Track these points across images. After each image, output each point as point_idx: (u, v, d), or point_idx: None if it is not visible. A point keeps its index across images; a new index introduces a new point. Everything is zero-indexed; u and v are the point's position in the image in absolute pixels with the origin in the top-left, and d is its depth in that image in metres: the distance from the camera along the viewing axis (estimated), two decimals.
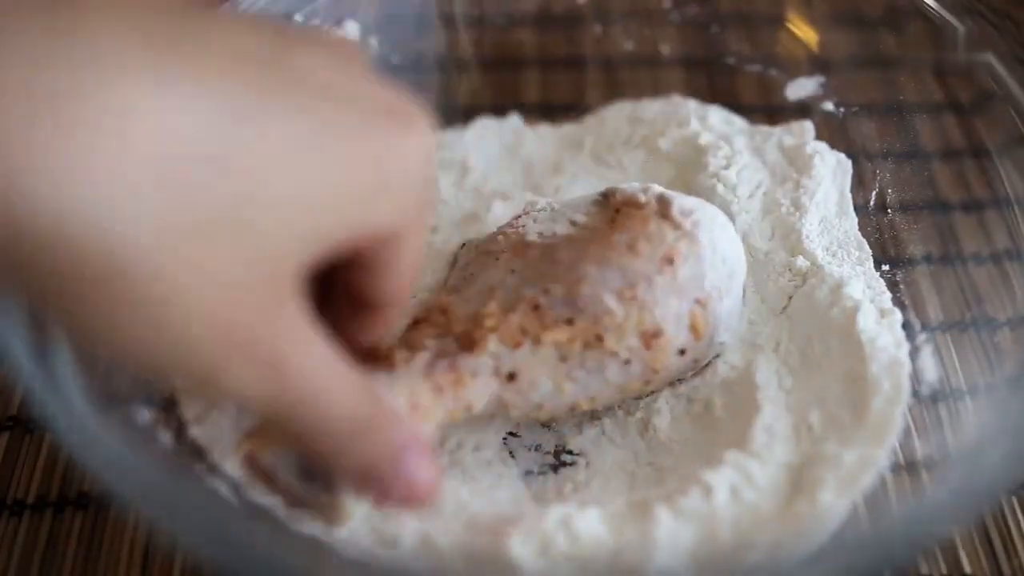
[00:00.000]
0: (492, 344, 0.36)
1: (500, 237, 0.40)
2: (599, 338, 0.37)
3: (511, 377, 0.36)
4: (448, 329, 0.37)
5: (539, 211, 0.41)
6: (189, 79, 0.24)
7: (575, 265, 0.38)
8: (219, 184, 0.24)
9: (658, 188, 0.40)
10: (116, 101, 0.23)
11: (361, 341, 0.34)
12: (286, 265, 0.27)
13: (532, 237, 0.39)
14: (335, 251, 0.28)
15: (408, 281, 0.33)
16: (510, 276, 0.38)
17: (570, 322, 0.37)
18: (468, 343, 0.36)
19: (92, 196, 0.22)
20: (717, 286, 0.39)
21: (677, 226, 0.39)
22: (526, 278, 0.38)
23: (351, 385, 0.30)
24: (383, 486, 0.32)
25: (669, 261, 0.38)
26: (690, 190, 0.47)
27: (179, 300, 0.25)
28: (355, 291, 0.32)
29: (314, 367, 0.29)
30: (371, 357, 0.35)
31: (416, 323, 0.38)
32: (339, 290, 0.32)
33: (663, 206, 0.39)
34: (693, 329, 0.38)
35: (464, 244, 0.43)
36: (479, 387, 0.36)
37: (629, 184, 0.41)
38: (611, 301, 0.37)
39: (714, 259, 0.39)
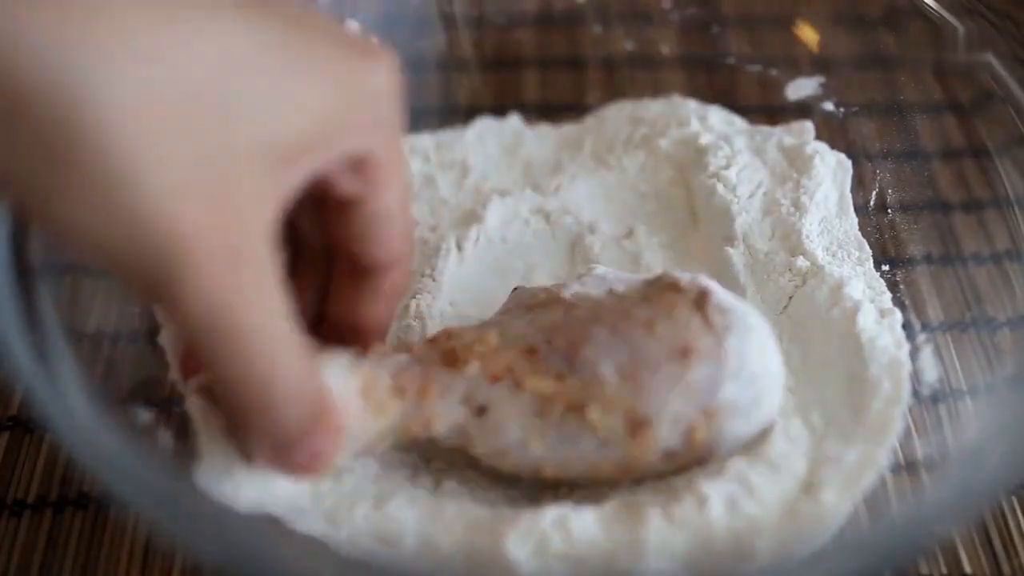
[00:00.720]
0: (472, 369, 0.34)
1: (543, 293, 0.38)
2: (583, 406, 0.34)
3: (481, 411, 0.34)
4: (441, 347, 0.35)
5: (594, 276, 0.38)
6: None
7: (587, 325, 0.35)
8: (196, 86, 0.25)
9: (705, 280, 0.36)
10: None
11: (359, 317, 0.35)
12: (254, 186, 0.27)
13: (566, 295, 0.37)
14: (310, 178, 0.29)
15: (396, 239, 0.33)
16: (526, 324, 0.36)
17: (560, 377, 0.34)
18: (450, 359, 0.35)
19: (75, 58, 0.23)
20: (734, 403, 0.34)
21: (708, 322, 0.35)
22: (537, 326, 0.36)
23: (296, 348, 0.30)
24: (284, 452, 0.31)
25: (684, 353, 0.34)
26: (690, 190, 0.47)
27: (138, 186, 0.24)
28: (351, 249, 0.33)
29: (266, 319, 0.28)
30: (357, 341, 0.35)
31: (427, 340, 0.36)
32: (339, 261, 0.34)
33: (701, 296, 0.35)
34: (689, 438, 0.34)
35: (516, 288, 0.39)
36: (445, 407, 0.34)
37: (684, 274, 0.37)
38: (607, 371, 0.34)
39: (739, 373, 0.34)
